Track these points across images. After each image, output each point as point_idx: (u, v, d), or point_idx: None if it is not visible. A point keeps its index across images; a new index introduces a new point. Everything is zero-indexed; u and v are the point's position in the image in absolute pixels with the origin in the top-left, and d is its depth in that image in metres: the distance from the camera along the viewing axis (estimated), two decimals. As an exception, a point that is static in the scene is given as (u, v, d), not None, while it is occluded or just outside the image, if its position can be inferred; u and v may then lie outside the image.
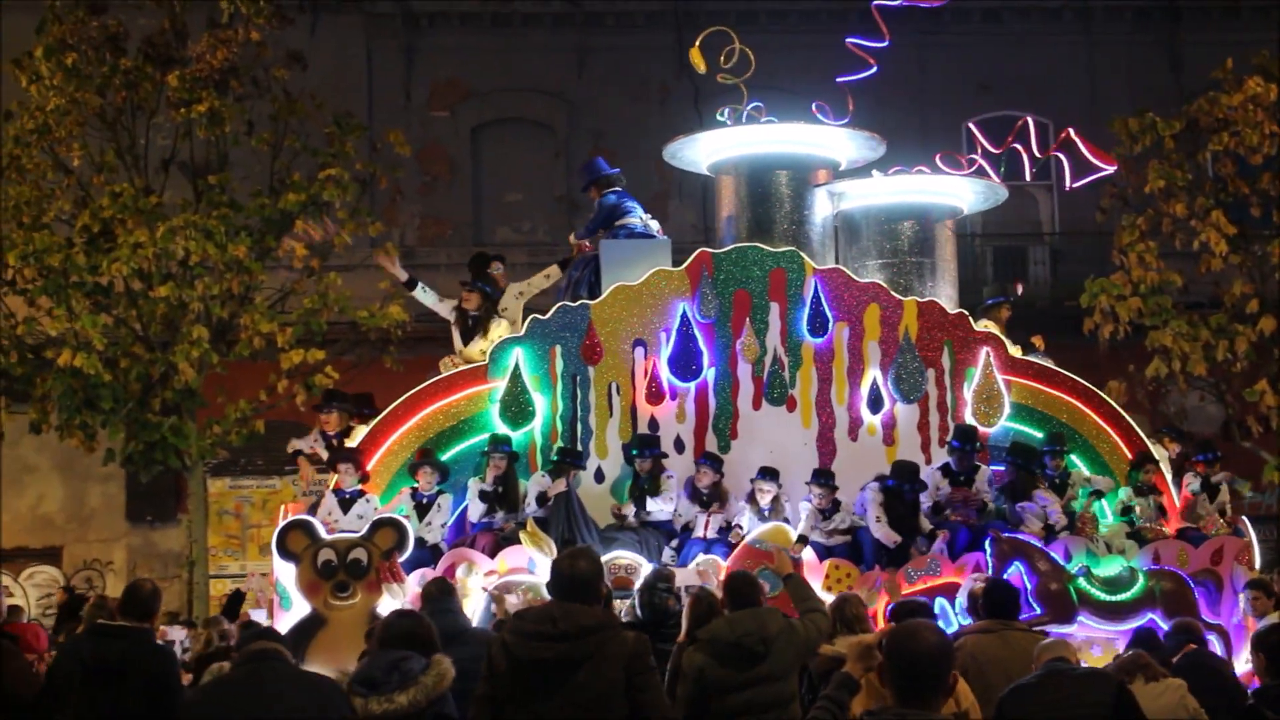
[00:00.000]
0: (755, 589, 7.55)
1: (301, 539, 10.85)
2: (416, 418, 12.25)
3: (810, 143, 13.51)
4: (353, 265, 18.26)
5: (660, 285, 12.65)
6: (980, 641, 7.60)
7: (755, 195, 13.44)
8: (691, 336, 12.59)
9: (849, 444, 12.71)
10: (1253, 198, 17.72)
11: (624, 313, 12.58)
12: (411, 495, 11.83)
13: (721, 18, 24.23)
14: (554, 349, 12.46)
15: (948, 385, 12.88)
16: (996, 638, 7.61)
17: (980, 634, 7.71)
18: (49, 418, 16.57)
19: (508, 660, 6.05)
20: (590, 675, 5.97)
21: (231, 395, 16.96)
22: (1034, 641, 7.65)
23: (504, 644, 6.10)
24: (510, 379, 12.28)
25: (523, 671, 6.01)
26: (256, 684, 5.73)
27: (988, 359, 12.91)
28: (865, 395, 12.79)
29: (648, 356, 12.56)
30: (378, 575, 10.72)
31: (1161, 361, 17.27)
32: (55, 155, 16.94)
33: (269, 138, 17.33)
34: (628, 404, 12.50)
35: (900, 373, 12.81)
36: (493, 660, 6.10)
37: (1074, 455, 12.95)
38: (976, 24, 24.96)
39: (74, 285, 16.11)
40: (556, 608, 6.11)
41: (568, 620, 6.01)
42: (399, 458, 12.15)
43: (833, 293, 12.82)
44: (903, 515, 11.96)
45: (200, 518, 17.89)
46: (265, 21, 17.21)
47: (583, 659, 5.97)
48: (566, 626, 5.99)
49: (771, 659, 7.09)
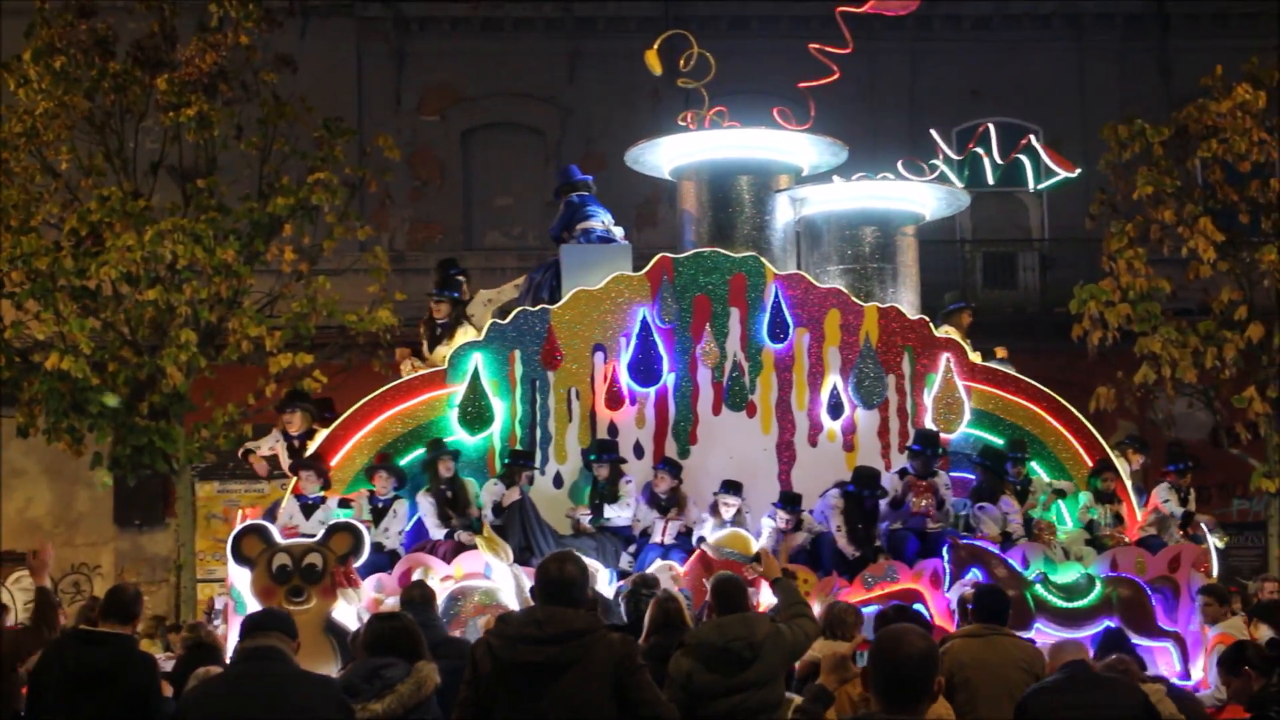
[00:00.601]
0: (743, 593, 7.53)
1: (256, 544, 10.84)
2: (374, 422, 12.22)
3: (772, 148, 13.51)
4: (341, 269, 18.22)
5: (620, 290, 12.63)
6: (968, 646, 7.59)
7: (716, 200, 13.44)
8: (651, 342, 12.58)
9: (809, 450, 12.71)
10: (1241, 204, 17.72)
11: (584, 318, 12.55)
12: (368, 500, 11.81)
13: (713, 23, 24.47)
14: (513, 354, 12.45)
15: (908, 391, 12.88)
16: (984, 642, 7.59)
17: (968, 638, 7.70)
18: (36, 421, 16.52)
19: (493, 664, 6.02)
20: (577, 679, 5.94)
21: (219, 399, 16.91)
22: (1020, 647, 7.65)
23: (489, 647, 6.08)
24: (469, 384, 12.26)
25: (508, 675, 5.99)
26: (256, 682, 5.67)
27: (948, 365, 12.91)
28: (825, 401, 12.78)
29: (607, 361, 12.55)
30: (333, 580, 10.69)
31: (1150, 368, 17.28)
32: (43, 158, 16.88)
33: (258, 141, 17.29)
34: (587, 409, 12.49)
35: (861, 378, 12.80)
36: (477, 664, 6.07)
37: (1034, 462, 12.94)
38: (967, 31, 24.98)
39: (61, 289, 16.06)
40: (542, 611, 6.09)
41: (554, 623, 5.98)
42: (356, 462, 12.11)
43: (793, 298, 12.81)
44: (862, 523, 11.95)
45: (188, 522, 17.80)
46: (254, 25, 17.16)
47: (570, 662, 5.94)
48: (553, 630, 5.97)
49: (759, 664, 7.07)
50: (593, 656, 5.97)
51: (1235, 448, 18.04)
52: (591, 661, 5.96)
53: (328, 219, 17.28)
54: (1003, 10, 24.97)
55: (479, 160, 24.73)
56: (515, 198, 24.50)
